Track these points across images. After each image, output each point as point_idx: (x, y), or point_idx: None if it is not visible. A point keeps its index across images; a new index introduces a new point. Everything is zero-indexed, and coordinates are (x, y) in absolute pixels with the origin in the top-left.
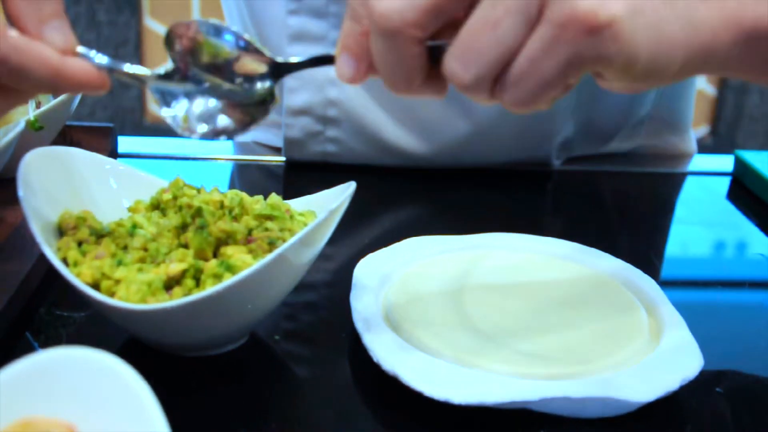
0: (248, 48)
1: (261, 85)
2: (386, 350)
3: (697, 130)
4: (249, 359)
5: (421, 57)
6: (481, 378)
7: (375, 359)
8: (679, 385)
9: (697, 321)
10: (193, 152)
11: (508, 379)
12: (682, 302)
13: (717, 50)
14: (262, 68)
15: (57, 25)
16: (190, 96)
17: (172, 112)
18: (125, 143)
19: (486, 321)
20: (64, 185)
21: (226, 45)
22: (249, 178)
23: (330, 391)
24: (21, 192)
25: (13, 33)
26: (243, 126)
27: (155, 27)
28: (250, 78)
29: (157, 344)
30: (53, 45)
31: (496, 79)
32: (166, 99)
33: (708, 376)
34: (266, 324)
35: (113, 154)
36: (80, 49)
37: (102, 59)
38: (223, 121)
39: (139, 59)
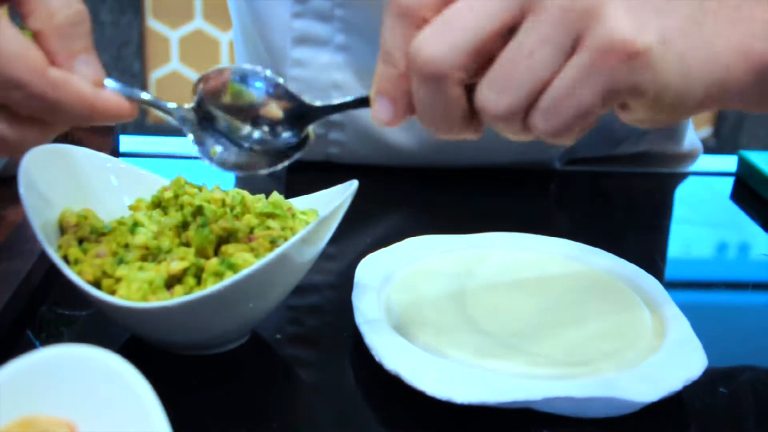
0: (278, 93)
1: (288, 133)
2: (388, 350)
3: (700, 132)
4: (250, 358)
5: (463, 98)
6: (483, 378)
7: (377, 359)
8: (682, 386)
9: (701, 321)
10: (195, 151)
11: (511, 378)
12: (685, 302)
13: (730, 84)
14: (290, 113)
15: (86, 59)
16: (217, 134)
17: (201, 146)
18: (127, 142)
19: (488, 320)
20: (65, 183)
21: (253, 91)
22: (251, 177)
23: (332, 391)
24: (22, 190)
25: (52, 71)
26: (274, 164)
27: (158, 27)
28: (277, 125)
29: (158, 343)
30: (84, 78)
31: (529, 109)
32: (196, 134)
33: (712, 376)
34: (268, 323)
35: (115, 152)
36: (108, 81)
37: (133, 92)
38: (253, 158)
39: (141, 59)
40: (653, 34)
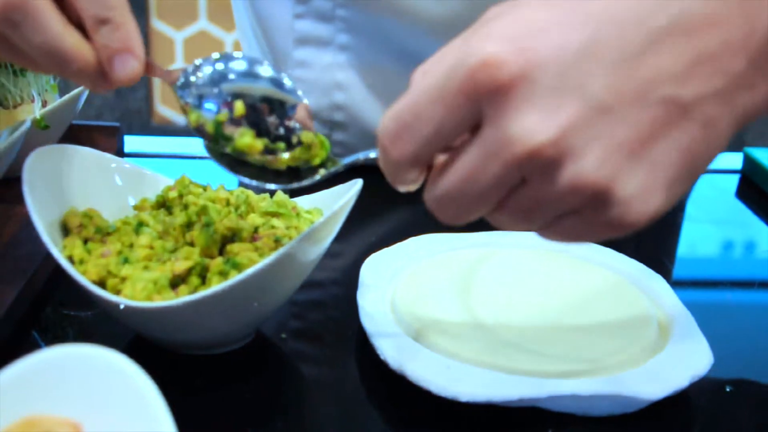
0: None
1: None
2: (393, 348)
3: None
4: (255, 358)
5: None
6: (489, 376)
7: (382, 357)
8: (688, 383)
9: (706, 319)
10: (200, 151)
11: (516, 376)
12: (691, 300)
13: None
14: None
15: (113, 28)
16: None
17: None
18: (132, 142)
19: (493, 319)
20: (70, 183)
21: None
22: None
23: (337, 390)
24: (26, 190)
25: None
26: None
27: (162, 28)
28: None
29: (163, 342)
30: (100, 42)
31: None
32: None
33: (718, 374)
34: (273, 322)
35: (120, 153)
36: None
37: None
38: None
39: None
40: (662, 202)
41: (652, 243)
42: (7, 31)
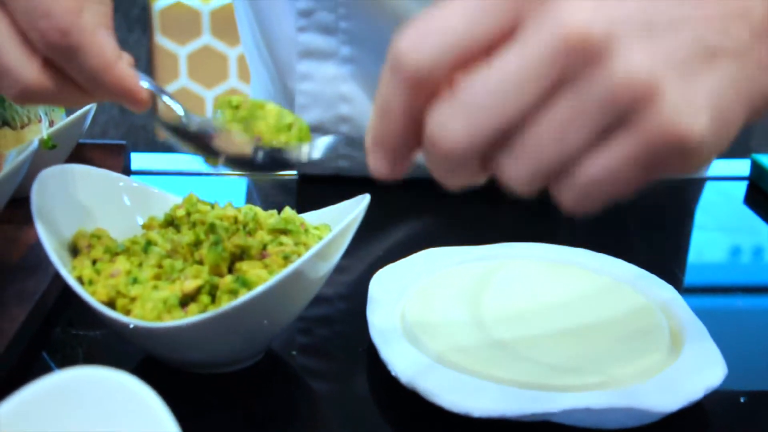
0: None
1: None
2: (404, 364)
3: None
4: (266, 375)
5: (482, 172)
6: (501, 390)
7: (393, 373)
8: (702, 394)
9: (718, 328)
10: (207, 168)
11: (529, 391)
12: (702, 309)
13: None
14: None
15: (108, 34)
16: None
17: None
18: (138, 160)
19: (505, 332)
20: (78, 203)
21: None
22: (263, 192)
23: (348, 406)
24: (35, 211)
25: (85, 16)
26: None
27: (166, 45)
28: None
29: (174, 362)
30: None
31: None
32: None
33: (732, 384)
34: (282, 339)
35: (126, 171)
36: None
37: (153, 85)
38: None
39: (150, 76)
40: (705, 121)
41: (661, 251)
42: (62, 60)
